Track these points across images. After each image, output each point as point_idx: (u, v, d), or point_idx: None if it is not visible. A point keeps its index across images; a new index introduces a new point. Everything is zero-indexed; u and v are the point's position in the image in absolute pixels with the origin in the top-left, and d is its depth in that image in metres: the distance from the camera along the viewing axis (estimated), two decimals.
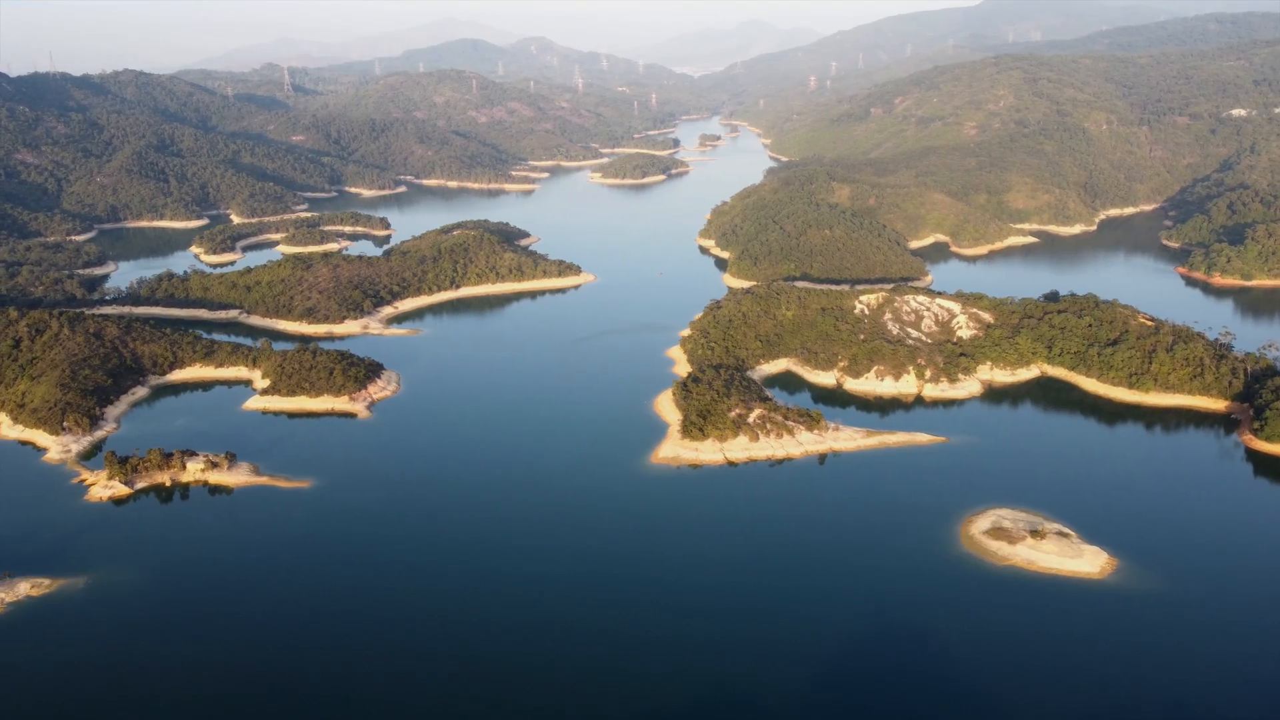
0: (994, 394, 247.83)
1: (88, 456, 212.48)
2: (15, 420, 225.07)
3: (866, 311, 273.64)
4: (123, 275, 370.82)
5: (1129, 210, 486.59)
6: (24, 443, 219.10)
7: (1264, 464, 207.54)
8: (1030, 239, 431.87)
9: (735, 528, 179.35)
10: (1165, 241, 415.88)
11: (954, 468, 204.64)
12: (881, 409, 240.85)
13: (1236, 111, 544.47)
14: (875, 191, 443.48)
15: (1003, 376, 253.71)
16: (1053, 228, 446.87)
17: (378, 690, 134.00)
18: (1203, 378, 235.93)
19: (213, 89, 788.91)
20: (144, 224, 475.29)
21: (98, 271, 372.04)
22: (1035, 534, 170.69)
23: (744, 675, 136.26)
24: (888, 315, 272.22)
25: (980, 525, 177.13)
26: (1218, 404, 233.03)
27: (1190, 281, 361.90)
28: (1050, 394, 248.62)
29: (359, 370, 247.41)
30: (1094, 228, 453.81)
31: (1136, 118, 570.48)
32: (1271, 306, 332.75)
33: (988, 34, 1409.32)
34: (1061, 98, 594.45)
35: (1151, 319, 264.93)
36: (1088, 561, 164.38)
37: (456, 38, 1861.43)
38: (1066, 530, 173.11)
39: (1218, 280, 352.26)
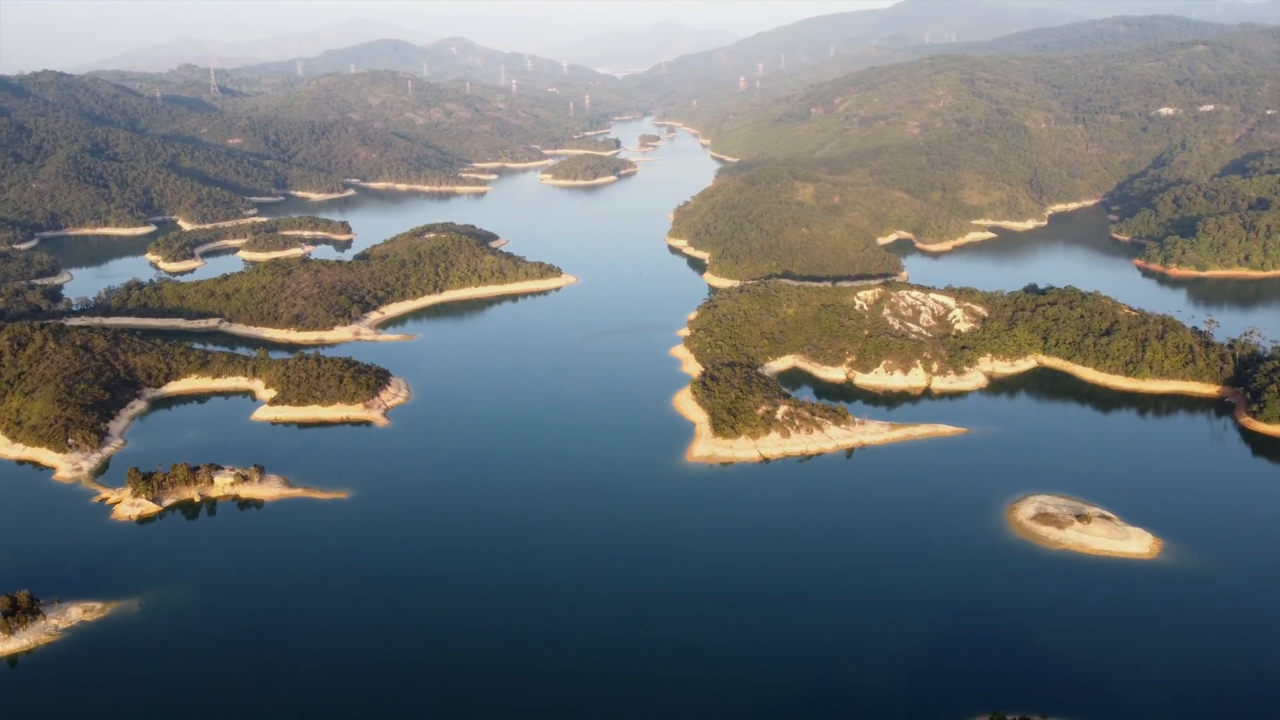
0: (997, 385, 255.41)
1: (98, 474, 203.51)
2: (14, 439, 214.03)
3: (865, 307, 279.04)
4: (79, 285, 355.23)
5: (1073, 205, 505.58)
6: (27, 462, 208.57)
7: (1263, 445, 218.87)
8: (989, 234, 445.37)
9: (788, 524, 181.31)
10: (1115, 235, 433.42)
11: (981, 457, 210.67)
12: (890, 402, 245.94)
13: (1164, 110, 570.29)
14: (838, 190, 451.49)
15: (1003, 368, 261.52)
16: (1007, 223, 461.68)
17: (461, 706, 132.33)
18: (1194, 364, 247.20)
19: (137, 91, 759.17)
20: (87, 231, 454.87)
21: (53, 281, 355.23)
22: (1081, 518, 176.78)
23: (841, 673, 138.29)
24: (886, 310, 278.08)
25: (1025, 512, 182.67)
26: (1210, 389, 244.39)
27: (1147, 273, 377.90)
28: (1050, 383, 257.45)
29: (369, 377, 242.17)
30: (1045, 223, 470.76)
31: (1071, 116, 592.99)
32: (1224, 295, 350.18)
33: (905, 35, 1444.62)
34: (1000, 97, 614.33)
35: (1133, 309, 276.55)
36: (1136, 543, 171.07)
37: (372, 38, 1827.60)
38: (1108, 514, 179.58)
39: (1174, 271, 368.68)
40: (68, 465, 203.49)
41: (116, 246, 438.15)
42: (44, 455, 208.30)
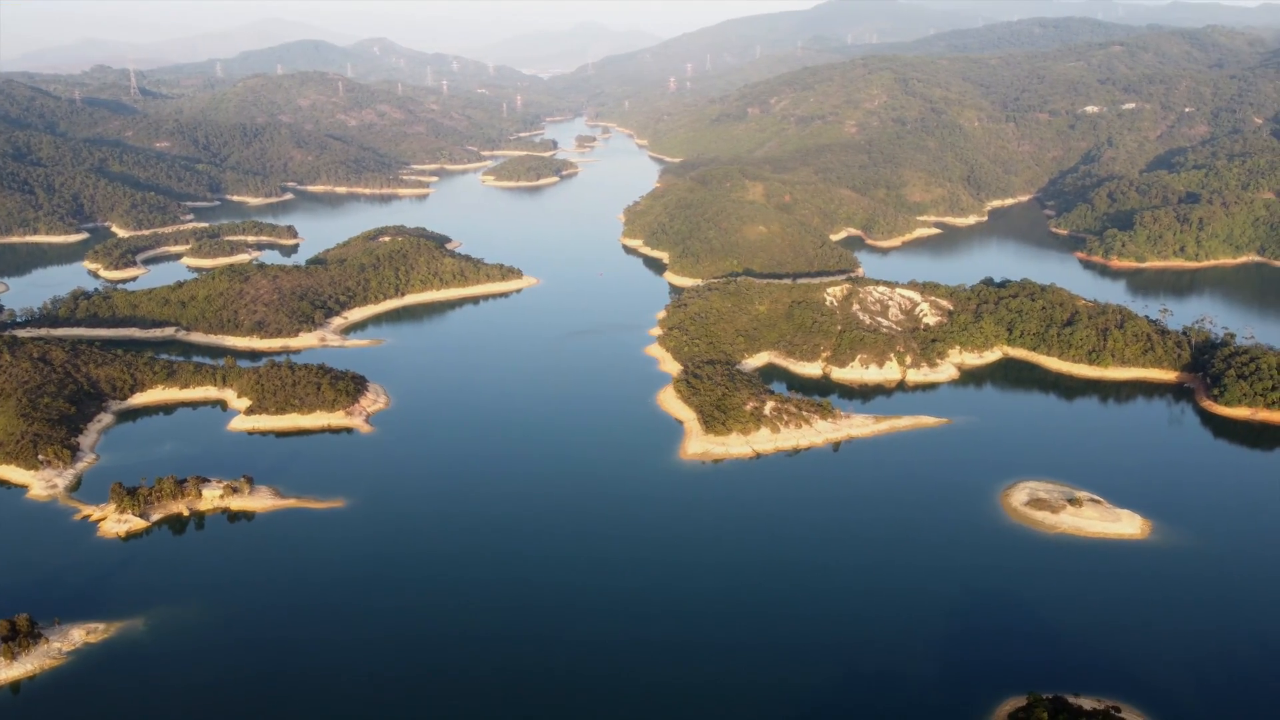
0: (967, 376, 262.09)
1: (73, 490, 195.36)
2: None
3: (835, 303, 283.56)
4: (15, 296, 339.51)
5: (1009, 201, 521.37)
6: None
7: (1225, 427, 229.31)
8: (934, 230, 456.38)
9: (791, 520, 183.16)
10: (1054, 229, 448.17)
11: (965, 446, 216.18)
12: (866, 395, 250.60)
13: (1090, 108, 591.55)
14: (788, 189, 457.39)
15: (971, 359, 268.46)
16: (949, 219, 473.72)
17: (482, 714, 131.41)
18: (1153, 351, 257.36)
19: (54, 93, 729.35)
20: (15, 239, 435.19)
21: None
22: (1073, 503, 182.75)
23: (870, 666, 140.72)
24: (855, 306, 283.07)
25: (1018, 497, 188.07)
26: (1169, 375, 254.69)
27: (1089, 265, 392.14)
28: (1017, 373, 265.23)
29: (346, 384, 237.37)
30: (985, 218, 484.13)
31: (1002, 115, 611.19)
32: (1162, 284, 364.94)
33: (828, 36, 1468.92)
34: (933, 96, 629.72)
35: (1087, 300, 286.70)
36: (1127, 524, 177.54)
37: (288, 38, 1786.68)
38: (1097, 498, 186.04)
39: (1115, 263, 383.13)
40: (40, 483, 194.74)
41: (47, 255, 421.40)
42: (13, 473, 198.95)
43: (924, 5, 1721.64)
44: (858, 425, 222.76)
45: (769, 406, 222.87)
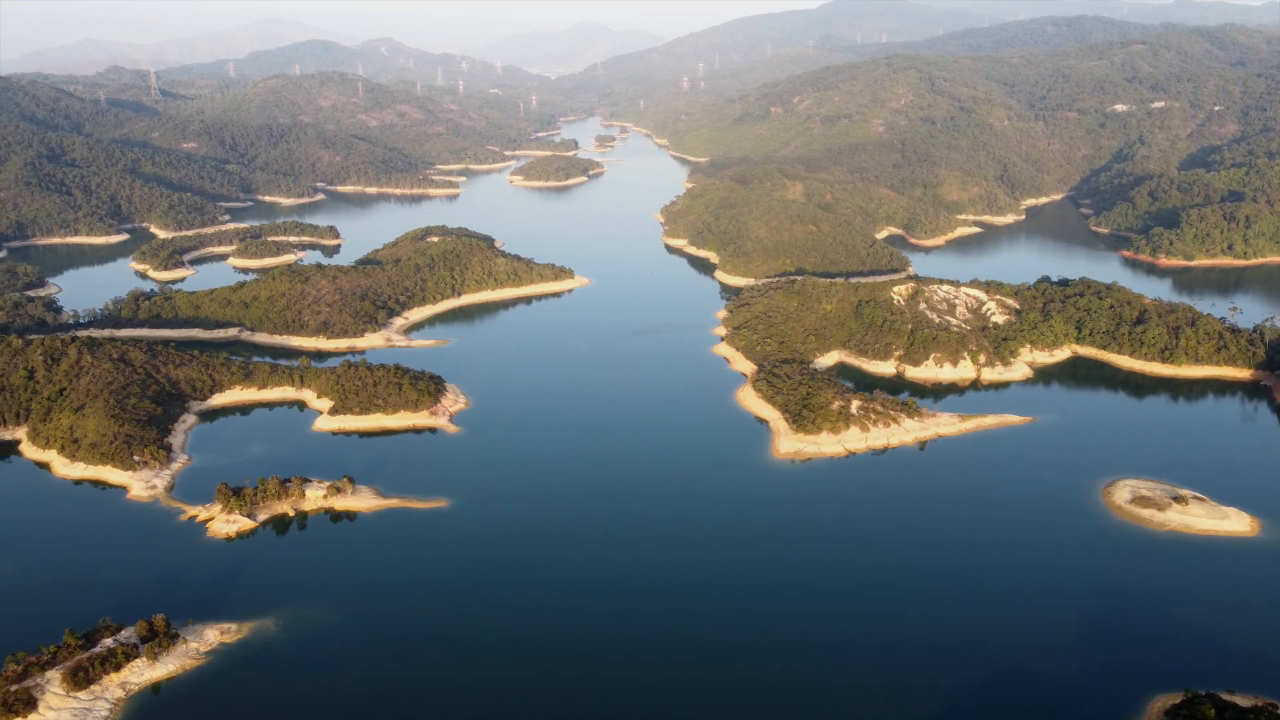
0: (1040, 374, 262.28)
1: (170, 491, 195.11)
2: (73, 458, 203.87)
3: (902, 301, 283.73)
4: (68, 298, 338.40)
5: (1042, 200, 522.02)
6: (89, 481, 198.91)
7: None
8: (974, 229, 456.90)
9: (896, 517, 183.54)
10: (1094, 228, 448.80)
11: (1053, 444, 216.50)
12: (938, 394, 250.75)
13: (1118, 107, 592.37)
14: (827, 188, 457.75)
15: (1042, 358, 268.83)
16: (987, 218, 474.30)
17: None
18: (1226, 350, 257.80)
19: (77, 94, 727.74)
20: (56, 240, 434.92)
21: (44, 293, 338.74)
22: (1178, 500, 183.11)
23: (1018, 666, 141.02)
24: (922, 304, 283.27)
25: (1121, 495, 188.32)
26: (1243, 373, 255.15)
27: (1134, 263, 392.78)
28: (1088, 372, 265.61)
29: (426, 384, 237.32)
30: (1023, 217, 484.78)
31: (1030, 114, 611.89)
32: (1209, 283, 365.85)
33: (835, 35, 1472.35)
34: (960, 95, 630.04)
35: (1151, 299, 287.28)
36: (1235, 522, 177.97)
37: (286, 39, 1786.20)
38: (1200, 495, 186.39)
39: (1163, 261, 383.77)
40: (140, 484, 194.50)
41: (88, 256, 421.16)
42: (110, 474, 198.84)
43: (929, 4, 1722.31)
44: (944, 424, 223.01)
45: (855, 405, 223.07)
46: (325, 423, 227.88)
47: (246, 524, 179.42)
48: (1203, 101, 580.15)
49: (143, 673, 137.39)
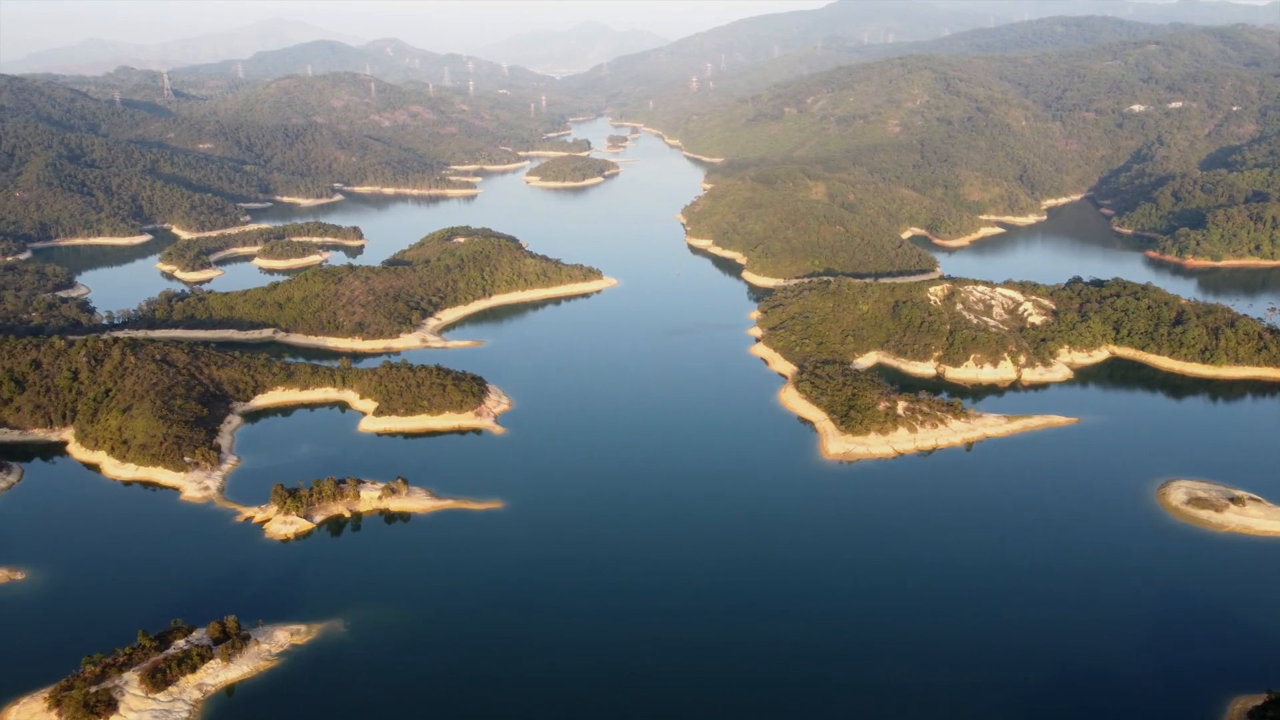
0: (1079, 375, 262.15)
1: (222, 492, 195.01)
2: (123, 459, 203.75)
3: (939, 302, 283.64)
4: (97, 298, 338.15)
5: (1062, 200, 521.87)
6: (143, 482, 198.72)
7: None
8: (997, 229, 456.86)
9: (952, 518, 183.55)
10: (1117, 229, 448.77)
11: (1100, 444, 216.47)
12: (977, 395, 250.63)
13: (1136, 107, 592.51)
14: (849, 188, 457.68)
15: (1080, 358, 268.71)
16: (1009, 218, 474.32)
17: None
18: (1267, 350, 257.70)
19: (91, 95, 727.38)
20: (79, 241, 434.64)
21: (74, 293, 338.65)
22: (1235, 501, 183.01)
23: (1092, 667, 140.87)
24: (959, 305, 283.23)
25: (1177, 496, 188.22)
26: None
27: (1160, 263, 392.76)
28: (1124, 372, 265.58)
29: (470, 385, 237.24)
30: (1045, 217, 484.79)
31: (1047, 114, 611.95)
32: (1235, 283, 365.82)
33: (842, 35, 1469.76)
34: (976, 96, 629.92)
35: (1187, 300, 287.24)
36: None
37: (290, 39, 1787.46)
38: (1255, 496, 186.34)
39: (1190, 262, 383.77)
40: (193, 485, 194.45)
41: (111, 256, 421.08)
42: (162, 475, 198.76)
43: (934, 4, 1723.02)
44: (990, 425, 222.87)
45: (901, 406, 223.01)
46: (370, 423, 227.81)
47: (304, 525, 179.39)
48: (1220, 102, 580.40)
49: (218, 674, 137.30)
